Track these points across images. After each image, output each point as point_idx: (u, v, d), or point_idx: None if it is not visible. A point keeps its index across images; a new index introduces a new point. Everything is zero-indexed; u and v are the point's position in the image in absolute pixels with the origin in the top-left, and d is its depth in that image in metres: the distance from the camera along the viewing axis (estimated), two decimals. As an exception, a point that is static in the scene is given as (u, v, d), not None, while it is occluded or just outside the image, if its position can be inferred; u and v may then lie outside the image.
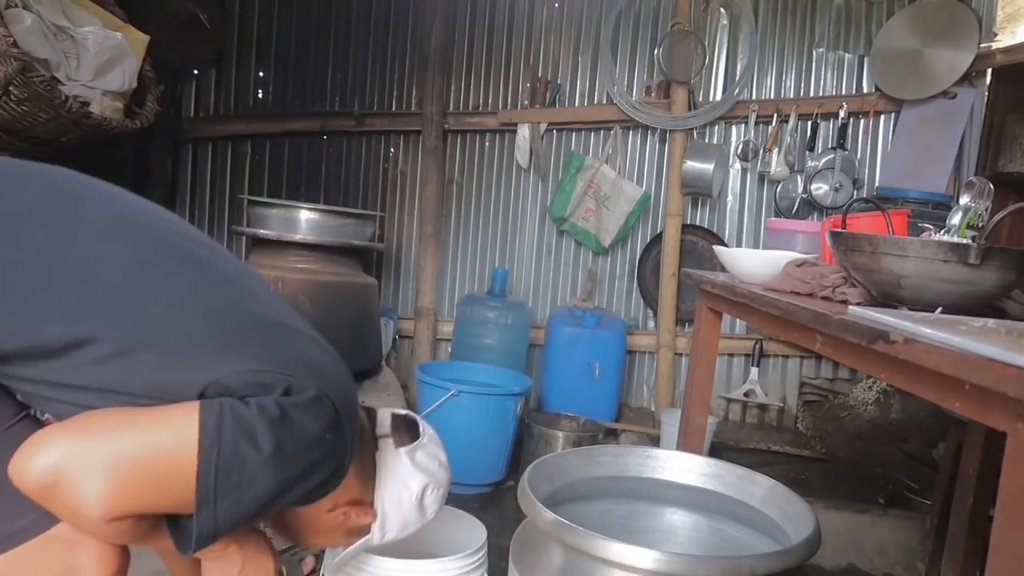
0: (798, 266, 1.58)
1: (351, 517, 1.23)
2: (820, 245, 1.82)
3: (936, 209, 3.03)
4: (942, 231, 1.52)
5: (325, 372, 1.10)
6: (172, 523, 1.02)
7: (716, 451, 3.16)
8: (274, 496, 1.00)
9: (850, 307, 1.25)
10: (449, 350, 3.74)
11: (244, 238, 3.50)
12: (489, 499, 2.91)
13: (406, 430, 1.33)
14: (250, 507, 0.99)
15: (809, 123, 3.54)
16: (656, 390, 3.67)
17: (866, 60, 3.57)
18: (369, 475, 1.24)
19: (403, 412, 1.35)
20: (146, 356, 0.98)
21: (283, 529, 1.27)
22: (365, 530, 1.26)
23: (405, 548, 1.73)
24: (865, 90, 3.61)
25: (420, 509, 1.28)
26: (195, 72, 3.92)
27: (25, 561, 1.02)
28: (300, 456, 1.01)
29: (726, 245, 3.65)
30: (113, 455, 0.94)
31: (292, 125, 3.85)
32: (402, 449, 1.26)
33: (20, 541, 1.01)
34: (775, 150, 3.52)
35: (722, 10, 3.66)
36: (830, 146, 3.54)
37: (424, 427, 1.34)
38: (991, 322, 1.10)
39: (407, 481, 1.26)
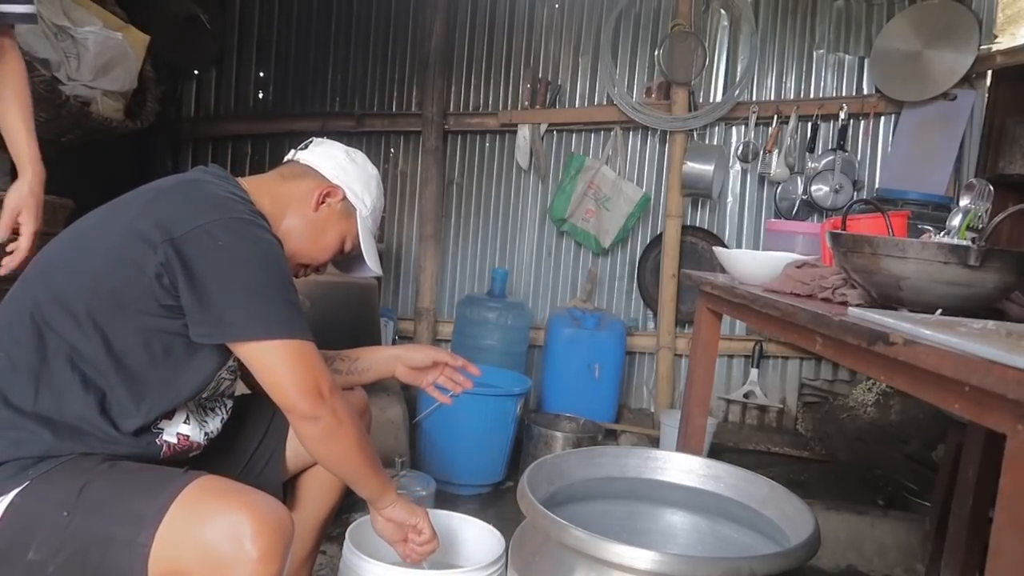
0: (798, 267, 1.57)
1: (328, 200, 1.45)
2: (820, 246, 1.82)
3: (936, 211, 3.03)
4: (942, 233, 1.52)
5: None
6: None
7: (716, 452, 3.16)
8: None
9: (850, 308, 1.25)
10: (449, 351, 3.73)
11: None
12: (489, 500, 2.91)
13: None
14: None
15: (809, 124, 3.54)
16: (656, 391, 3.67)
17: (866, 62, 3.58)
18: (308, 173, 1.47)
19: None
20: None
21: (298, 245, 1.43)
22: (347, 209, 1.48)
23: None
24: (865, 92, 3.61)
25: (356, 164, 1.53)
26: (195, 72, 3.92)
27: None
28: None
29: (726, 246, 3.65)
30: None
31: (292, 125, 3.85)
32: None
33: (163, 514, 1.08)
34: (775, 151, 3.52)
35: (722, 11, 3.66)
36: (830, 147, 3.54)
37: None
38: (991, 324, 1.10)
39: (330, 153, 1.50)
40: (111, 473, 1.15)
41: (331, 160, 1.49)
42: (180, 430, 1.31)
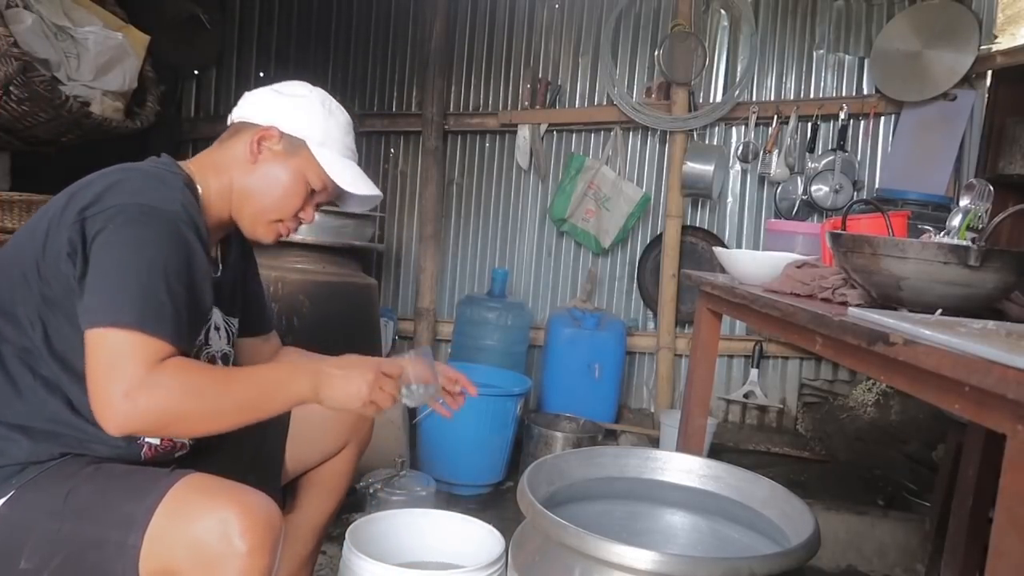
0: (798, 267, 1.58)
1: (264, 144, 1.33)
2: (820, 247, 1.82)
3: (936, 211, 3.02)
4: (942, 233, 1.52)
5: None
6: None
7: (716, 452, 3.16)
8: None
9: (850, 309, 1.25)
10: (449, 351, 3.74)
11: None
12: (489, 500, 2.91)
13: None
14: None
15: (809, 125, 3.54)
16: (656, 391, 3.67)
17: (866, 62, 3.57)
18: (242, 128, 1.36)
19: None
20: None
21: (258, 203, 1.34)
22: (292, 144, 1.34)
23: (421, 560, 1.74)
24: (865, 92, 3.61)
25: (285, 96, 1.39)
26: (195, 72, 3.92)
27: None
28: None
29: (726, 246, 3.65)
30: None
31: (292, 125, 3.83)
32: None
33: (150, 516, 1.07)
34: (775, 151, 3.52)
35: (722, 11, 3.66)
36: (830, 148, 3.54)
37: None
38: (991, 324, 1.10)
39: (255, 99, 1.39)
40: (96, 477, 1.14)
41: (257, 104, 1.38)
42: None
